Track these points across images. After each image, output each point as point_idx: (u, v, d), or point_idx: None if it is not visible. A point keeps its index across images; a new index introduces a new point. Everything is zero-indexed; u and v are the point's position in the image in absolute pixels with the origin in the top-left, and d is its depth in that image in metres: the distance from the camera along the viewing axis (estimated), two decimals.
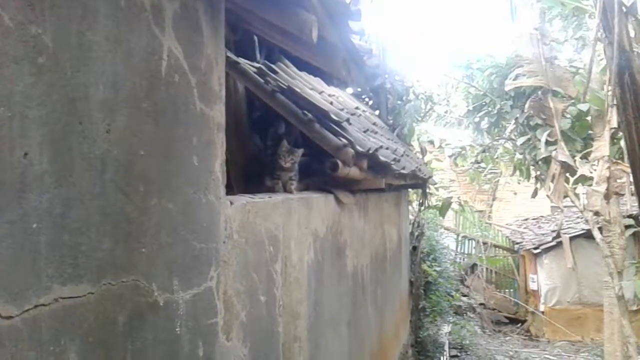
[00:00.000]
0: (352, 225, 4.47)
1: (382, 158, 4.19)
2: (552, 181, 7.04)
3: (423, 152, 8.77)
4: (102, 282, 1.44)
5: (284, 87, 3.88)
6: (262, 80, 3.86)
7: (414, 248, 8.57)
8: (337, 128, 3.78)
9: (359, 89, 8.24)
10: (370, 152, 3.93)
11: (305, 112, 3.68)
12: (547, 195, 7.53)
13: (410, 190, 8.63)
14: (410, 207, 8.96)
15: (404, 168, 5.08)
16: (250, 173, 3.88)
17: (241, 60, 3.95)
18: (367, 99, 8.34)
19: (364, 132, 4.76)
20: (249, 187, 3.42)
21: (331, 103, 4.60)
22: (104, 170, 1.47)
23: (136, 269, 1.58)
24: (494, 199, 17.05)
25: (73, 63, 1.37)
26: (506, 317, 13.95)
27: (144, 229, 1.62)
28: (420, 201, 8.68)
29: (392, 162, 4.54)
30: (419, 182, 7.02)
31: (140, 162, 1.61)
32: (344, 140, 3.65)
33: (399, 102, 7.92)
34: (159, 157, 1.70)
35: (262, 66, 4.15)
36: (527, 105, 7.58)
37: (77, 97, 1.39)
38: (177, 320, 1.78)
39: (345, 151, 3.60)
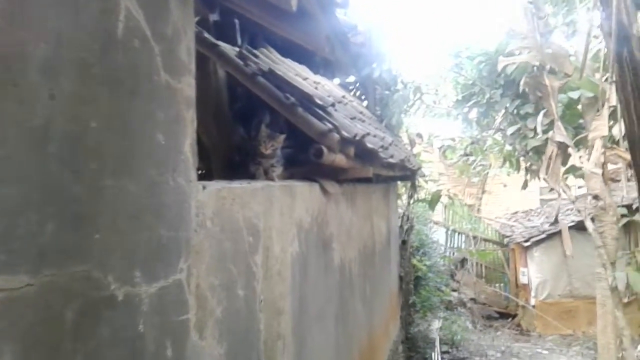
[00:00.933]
0: (339, 216, 4.28)
1: (369, 145, 3.99)
2: (548, 164, 6.85)
3: (412, 143, 8.58)
4: (45, 273, 1.24)
5: (265, 70, 3.68)
6: (242, 63, 3.65)
7: (404, 242, 8.40)
8: (321, 112, 3.58)
9: (346, 80, 8.05)
10: (357, 138, 3.73)
11: (288, 95, 3.48)
12: (544, 178, 7.34)
13: (399, 183, 8.46)
14: (399, 201, 8.79)
15: (392, 157, 4.89)
16: (233, 163, 3.68)
17: (221, 43, 3.74)
18: (354, 90, 8.15)
19: (351, 119, 4.56)
20: (233, 179, 3.24)
21: (316, 89, 4.40)
22: (46, 142, 1.26)
23: (88, 258, 1.37)
24: (483, 192, 16.95)
25: (7, 14, 1.17)
26: (497, 312, 13.84)
27: (97, 212, 1.41)
28: (410, 194, 8.52)
29: (380, 150, 4.35)
30: (408, 173, 6.84)
31: (91, 135, 1.40)
32: (329, 125, 3.46)
33: (387, 92, 7.73)
34: (115, 131, 1.49)
35: (243, 50, 3.95)
36: (522, 82, 7.35)
37: (10, 54, 1.18)
38: (140, 317, 1.57)
39: (330, 136, 3.40)
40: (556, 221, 8.12)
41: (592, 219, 7.35)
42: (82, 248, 1.35)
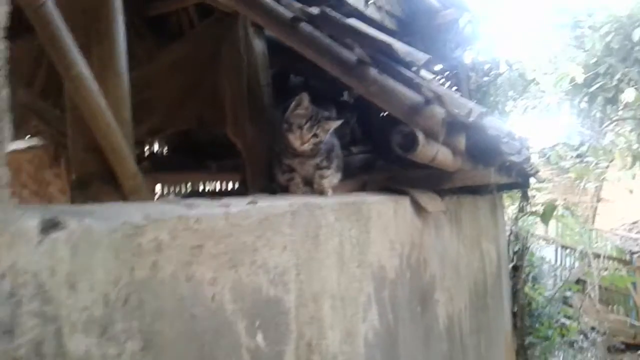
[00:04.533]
0: (441, 247, 2.74)
1: (491, 131, 2.44)
2: None
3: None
4: None
5: (314, 13, 2.23)
6: (276, 4, 2.24)
7: (515, 268, 6.63)
8: (411, 75, 2.08)
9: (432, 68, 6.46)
10: (472, 119, 2.19)
11: (352, 44, 2.03)
12: None
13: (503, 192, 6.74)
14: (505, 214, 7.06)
15: (518, 153, 3.28)
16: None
17: None
18: (442, 80, 6.54)
19: None
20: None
21: None
22: None
23: None
24: (598, 200, 14.60)
25: None
26: (623, 343, 11.60)
27: None
28: (521, 206, 6.77)
29: (504, 142, 2.76)
30: (523, 179, 5.15)
31: None
32: (427, 94, 1.95)
33: (485, 78, 6.10)
34: None
35: None
36: None
37: None
38: None
39: (428, 112, 1.91)
40: None
41: None
42: None
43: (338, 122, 1.84)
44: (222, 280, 0.98)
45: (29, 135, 4.45)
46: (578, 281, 12.06)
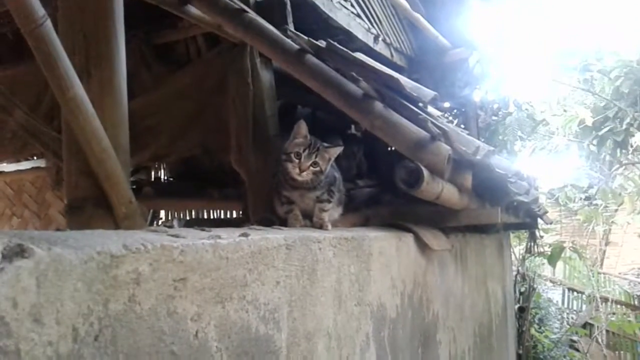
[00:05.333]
0: (446, 286, 2.67)
1: (498, 170, 2.38)
2: None
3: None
4: None
5: (320, 45, 2.22)
6: (282, 36, 2.22)
7: (521, 309, 6.49)
8: (417, 110, 2.05)
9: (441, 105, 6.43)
10: (479, 157, 2.14)
11: (357, 77, 2.00)
12: None
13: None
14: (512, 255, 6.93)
15: (527, 193, 3.21)
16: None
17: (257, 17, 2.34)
18: (450, 118, 6.51)
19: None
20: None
21: None
22: None
23: None
24: (607, 244, 14.38)
25: None
26: None
27: None
28: (528, 247, 6.66)
29: (511, 181, 2.71)
30: (531, 219, 5.06)
31: None
32: (433, 130, 1.91)
33: (494, 117, 6.06)
34: None
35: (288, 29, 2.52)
36: None
37: None
38: None
39: (434, 148, 1.86)
40: None
41: None
42: None
43: (339, 149, 1.79)
44: (207, 316, 0.92)
45: (33, 157, 4.44)
46: (585, 325, 11.78)
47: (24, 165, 4.53)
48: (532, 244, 6.57)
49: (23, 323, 0.60)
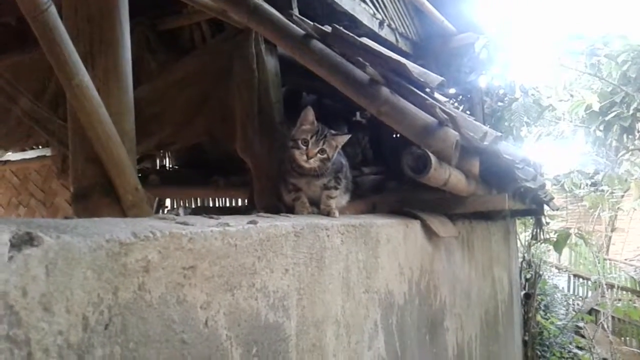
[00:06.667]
0: (452, 274, 2.66)
1: (506, 156, 2.36)
2: None
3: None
4: None
5: (327, 31, 2.19)
6: (288, 21, 2.20)
7: (527, 296, 6.48)
8: (424, 95, 2.03)
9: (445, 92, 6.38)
10: (487, 143, 2.12)
11: (364, 63, 1.98)
12: None
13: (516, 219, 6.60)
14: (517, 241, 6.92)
15: (534, 179, 3.19)
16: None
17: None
18: (456, 104, 6.46)
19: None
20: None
21: None
22: None
23: None
24: (613, 230, 14.34)
25: None
26: None
27: None
28: (534, 233, 6.64)
29: (518, 168, 2.69)
30: (537, 205, 5.05)
31: None
32: (440, 115, 1.90)
33: (500, 103, 6.02)
34: None
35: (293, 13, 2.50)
36: None
37: None
38: None
39: (442, 135, 1.85)
40: None
41: None
42: None
43: (346, 137, 1.78)
44: (217, 304, 0.91)
45: (39, 146, 4.45)
46: (591, 311, 11.80)
47: (30, 154, 4.53)
48: (538, 230, 6.57)
49: (33, 312, 0.60)
